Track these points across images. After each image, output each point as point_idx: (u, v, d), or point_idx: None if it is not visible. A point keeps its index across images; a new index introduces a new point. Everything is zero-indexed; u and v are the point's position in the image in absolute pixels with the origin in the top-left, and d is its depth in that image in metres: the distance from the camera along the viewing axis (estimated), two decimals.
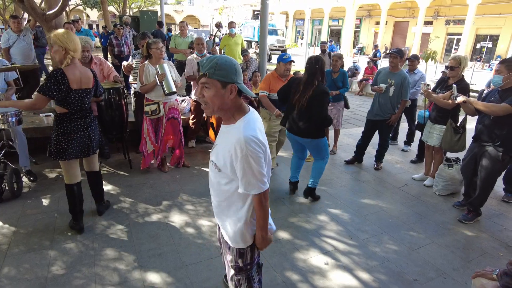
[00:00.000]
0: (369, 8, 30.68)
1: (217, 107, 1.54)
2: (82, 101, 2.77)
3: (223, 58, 1.50)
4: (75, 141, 2.79)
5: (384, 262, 2.83)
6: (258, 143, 1.50)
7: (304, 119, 3.45)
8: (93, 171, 3.19)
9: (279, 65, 4.03)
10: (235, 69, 1.50)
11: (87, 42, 3.76)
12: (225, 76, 1.47)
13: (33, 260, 2.64)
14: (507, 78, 3.12)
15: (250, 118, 1.57)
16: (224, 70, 1.47)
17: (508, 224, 3.55)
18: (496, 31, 22.37)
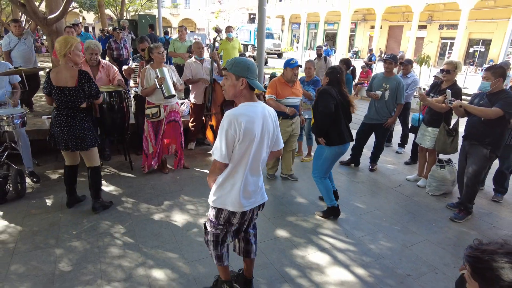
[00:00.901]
0: (364, 13, 31.05)
1: (231, 94, 1.98)
2: (64, 97, 3.04)
3: (240, 59, 1.99)
4: (56, 133, 3.16)
5: (379, 259, 2.95)
6: (234, 121, 1.86)
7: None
8: (90, 167, 3.36)
9: (286, 70, 3.98)
10: (248, 68, 1.93)
11: (96, 46, 3.88)
12: (238, 71, 1.92)
13: (40, 257, 2.72)
14: (494, 83, 3.31)
15: (249, 105, 1.97)
16: (238, 66, 1.93)
17: (497, 222, 3.70)
18: (489, 36, 22.77)
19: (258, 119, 1.95)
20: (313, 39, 38.28)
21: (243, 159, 1.97)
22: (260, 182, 2.16)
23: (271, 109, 2.11)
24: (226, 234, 2.19)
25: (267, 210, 3.69)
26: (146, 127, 4.26)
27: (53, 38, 5.82)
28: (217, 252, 2.23)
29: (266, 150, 2.09)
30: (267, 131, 2.02)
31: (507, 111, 3.22)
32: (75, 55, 3.02)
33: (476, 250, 1.06)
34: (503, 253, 1.01)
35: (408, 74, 5.48)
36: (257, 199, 2.15)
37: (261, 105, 2.03)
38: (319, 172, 3.55)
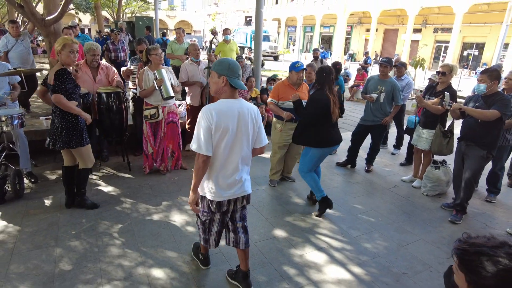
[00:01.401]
0: (359, 16, 31.28)
1: (214, 90, 2.22)
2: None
3: (223, 59, 2.20)
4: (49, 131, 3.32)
5: (375, 257, 3.00)
6: (206, 113, 2.08)
7: (337, 125, 3.63)
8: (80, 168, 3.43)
9: (291, 73, 3.95)
10: (228, 67, 2.14)
11: (97, 47, 3.92)
12: (220, 70, 2.14)
13: (39, 257, 2.74)
14: (490, 86, 3.40)
15: (226, 101, 2.17)
16: (220, 66, 2.15)
17: (490, 222, 3.77)
18: (482, 40, 23.05)
19: (232, 114, 2.14)
20: (309, 42, 38.48)
21: (217, 151, 2.16)
22: (241, 176, 2.28)
23: (251, 107, 2.27)
24: (211, 222, 2.40)
25: (265, 210, 3.73)
26: (145, 128, 4.29)
27: (51, 39, 5.84)
28: (205, 236, 2.47)
29: (247, 146, 2.26)
30: (244, 127, 2.18)
31: (504, 112, 3.31)
32: (66, 56, 3.04)
33: (464, 243, 1.12)
34: (488, 247, 1.06)
35: (402, 76, 5.57)
36: (236, 192, 2.29)
37: (240, 102, 2.21)
38: (304, 167, 3.67)
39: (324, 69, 3.48)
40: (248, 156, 2.30)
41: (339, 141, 3.65)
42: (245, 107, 2.21)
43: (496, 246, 1.05)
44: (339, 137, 3.66)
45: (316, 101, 3.45)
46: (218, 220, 2.39)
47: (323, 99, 3.40)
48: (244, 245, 2.45)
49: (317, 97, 3.46)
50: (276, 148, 4.23)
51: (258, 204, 3.85)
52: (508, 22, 12.45)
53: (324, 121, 3.45)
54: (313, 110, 3.45)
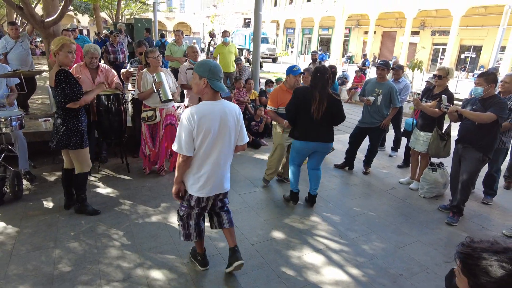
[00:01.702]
0: (358, 18, 31.43)
1: (196, 91, 2.31)
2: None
3: (205, 61, 2.30)
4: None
5: (372, 259, 3.02)
6: (188, 116, 2.18)
7: (326, 125, 3.58)
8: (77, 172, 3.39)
9: (289, 77, 3.98)
10: (209, 69, 2.22)
11: (96, 50, 3.92)
12: (201, 72, 2.23)
13: (38, 258, 2.75)
14: (487, 89, 3.44)
15: (207, 103, 2.26)
16: (201, 68, 2.24)
17: (487, 224, 3.80)
18: (479, 42, 23.20)
19: (214, 116, 2.23)
20: (307, 44, 38.61)
21: (199, 151, 2.28)
22: (221, 174, 2.42)
23: (232, 107, 2.37)
24: (189, 217, 2.52)
25: (263, 211, 3.75)
26: (143, 130, 4.31)
27: (50, 41, 5.83)
28: (185, 231, 2.56)
29: (229, 146, 2.38)
30: (226, 127, 2.29)
31: (500, 115, 3.35)
32: (64, 56, 3.01)
33: (468, 247, 1.12)
34: (492, 251, 1.06)
35: (400, 79, 5.61)
36: (213, 190, 2.42)
37: (221, 103, 2.30)
38: (291, 159, 3.92)
39: (319, 69, 3.53)
40: (230, 154, 2.44)
41: (320, 139, 3.60)
42: (227, 107, 2.32)
43: (500, 251, 1.06)
44: (323, 137, 3.60)
45: (297, 93, 3.61)
46: (196, 214, 2.53)
47: (304, 92, 3.54)
48: (228, 224, 2.64)
49: (300, 89, 3.64)
50: (277, 148, 4.25)
51: (256, 206, 3.87)
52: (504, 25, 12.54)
53: (305, 115, 3.54)
54: (293, 101, 3.60)
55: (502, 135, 4.05)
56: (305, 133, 3.61)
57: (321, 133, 3.61)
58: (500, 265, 1.03)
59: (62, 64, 3.06)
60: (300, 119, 3.61)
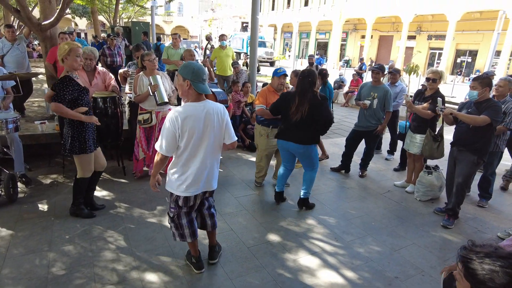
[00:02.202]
0: (355, 22, 31.63)
1: (180, 93, 2.36)
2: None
3: (189, 63, 2.33)
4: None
5: (368, 262, 3.03)
6: (172, 118, 2.24)
7: (304, 128, 3.56)
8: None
9: (273, 79, 4.10)
10: (192, 71, 2.27)
11: (92, 52, 3.92)
12: (184, 74, 2.28)
13: (32, 261, 2.73)
14: (482, 93, 3.47)
15: (190, 105, 2.31)
16: (185, 70, 2.29)
17: (482, 226, 3.82)
18: (475, 47, 23.40)
19: (197, 117, 2.29)
20: (305, 48, 38.78)
21: (184, 151, 2.35)
22: (207, 173, 2.48)
23: (216, 107, 2.43)
24: (179, 217, 2.56)
25: (259, 214, 3.75)
26: (138, 132, 4.31)
27: (47, 43, 5.85)
28: (179, 231, 2.59)
29: (215, 145, 2.44)
30: (210, 127, 2.36)
31: (494, 118, 3.38)
32: (72, 60, 3.03)
33: (471, 252, 1.10)
34: (496, 257, 1.06)
35: (396, 83, 5.64)
36: (199, 188, 2.48)
37: (205, 104, 2.35)
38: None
39: (302, 73, 3.62)
40: (216, 153, 2.51)
41: (290, 138, 3.64)
42: (211, 108, 2.37)
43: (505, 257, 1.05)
44: (296, 137, 3.61)
45: (281, 96, 3.77)
46: (185, 213, 2.57)
47: (286, 96, 3.67)
48: (210, 227, 2.76)
49: (285, 93, 3.77)
50: (263, 154, 4.29)
51: (252, 209, 3.87)
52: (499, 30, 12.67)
53: (285, 116, 3.64)
54: (277, 102, 3.75)
55: (497, 139, 4.09)
56: (282, 131, 3.74)
57: (296, 134, 3.61)
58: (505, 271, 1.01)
59: (71, 68, 3.07)
60: (282, 119, 3.75)
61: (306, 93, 3.50)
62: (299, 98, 3.51)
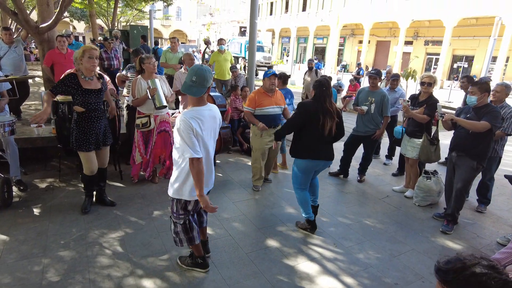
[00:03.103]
0: (352, 28, 31.82)
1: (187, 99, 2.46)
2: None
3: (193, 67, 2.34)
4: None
5: (367, 268, 3.00)
6: (185, 121, 2.22)
7: (330, 143, 3.38)
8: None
9: (264, 81, 4.21)
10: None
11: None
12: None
13: (26, 267, 2.68)
14: (480, 98, 3.48)
15: (197, 109, 2.33)
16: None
17: (481, 232, 3.80)
18: (471, 53, 23.58)
19: (206, 120, 2.34)
20: (302, 53, 38.92)
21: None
22: (211, 173, 2.54)
23: (216, 109, 2.51)
24: (189, 221, 2.58)
25: (258, 220, 3.72)
26: (136, 136, 4.27)
27: (44, 46, 5.82)
28: (188, 235, 2.59)
29: (214, 145, 2.54)
30: (213, 130, 2.45)
31: (494, 124, 3.38)
32: (86, 61, 3.20)
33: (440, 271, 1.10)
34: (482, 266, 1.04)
35: (396, 88, 5.64)
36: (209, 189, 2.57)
37: (209, 107, 2.42)
38: (294, 183, 3.53)
39: (323, 83, 3.27)
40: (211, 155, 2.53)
41: (327, 157, 3.35)
42: (214, 111, 2.47)
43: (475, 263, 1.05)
44: (329, 155, 3.37)
45: (304, 108, 3.29)
46: (192, 216, 2.64)
47: (309, 106, 3.26)
48: (205, 222, 2.85)
49: (305, 103, 3.36)
50: (258, 154, 4.33)
51: (251, 214, 3.83)
52: (495, 36, 12.76)
53: (311, 131, 3.24)
54: (299, 116, 3.30)
55: (495, 144, 4.08)
56: (311, 150, 3.28)
57: (327, 150, 3.36)
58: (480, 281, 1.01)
59: (85, 70, 3.23)
60: (306, 135, 3.28)
61: (332, 104, 3.27)
62: (329, 110, 3.22)
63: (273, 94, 4.23)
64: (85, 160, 3.42)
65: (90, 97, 3.28)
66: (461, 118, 3.62)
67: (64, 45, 5.55)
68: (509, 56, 20.39)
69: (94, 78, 3.34)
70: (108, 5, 21.30)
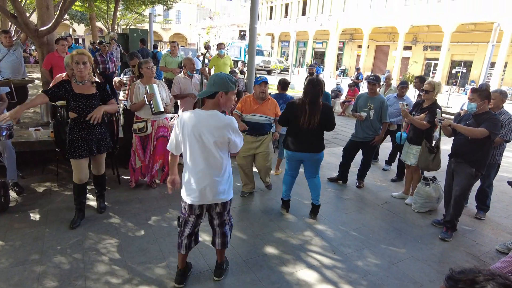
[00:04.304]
0: (352, 32, 31.96)
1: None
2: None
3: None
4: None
5: (366, 275, 2.98)
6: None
7: (316, 136, 3.68)
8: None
9: (254, 88, 4.11)
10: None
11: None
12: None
13: (22, 273, 2.65)
14: (480, 105, 3.48)
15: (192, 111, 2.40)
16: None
17: (480, 239, 3.79)
18: (470, 58, 23.71)
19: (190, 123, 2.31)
20: (302, 57, 39.04)
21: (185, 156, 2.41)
22: (208, 183, 2.39)
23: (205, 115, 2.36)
24: (185, 224, 2.55)
25: (256, 225, 3.70)
26: (134, 141, 4.25)
27: (43, 50, 5.81)
28: (179, 240, 2.58)
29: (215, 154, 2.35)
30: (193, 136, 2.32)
31: (492, 131, 3.38)
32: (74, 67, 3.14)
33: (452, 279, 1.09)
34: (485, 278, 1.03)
35: (404, 96, 5.58)
36: (199, 199, 2.42)
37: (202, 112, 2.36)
38: (286, 168, 4.03)
39: (311, 81, 3.63)
40: (217, 163, 2.39)
41: (310, 150, 3.70)
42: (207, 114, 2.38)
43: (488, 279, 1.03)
44: (313, 147, 3.70)
45: (288, 106, 3.73)
46: (192, 223, 2.54)
47: (292, 106, 3.66)
48: (219, 245, 2.69)
49: (290, 103, 3.74)
50: (239, 161, 4.24)
51: (249, 220, 3.81)
52: (494, 42, 12.80)
53: (295, 126, 3.66)
54: (284, 113, 3.75)
55: (494, 150, 4.08)
56: (292, 142, 3.74)
57: (310, 143, 3.69)
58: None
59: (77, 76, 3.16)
60: (290, 129, 3.76)
61: (316, 102, 3.57)
62: (310, 107, 3.55)
63: (263, 102, 4.09)
64: (74, 167, 3.28)
65: (82, 101, 3.15)
66: (459, 124, 3.62)
67: (65, 49, 5.55)
68: (507, 62, 20.52)
69: (87, 83, 3.22)
70: (108, 8, 21.37)
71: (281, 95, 5.03)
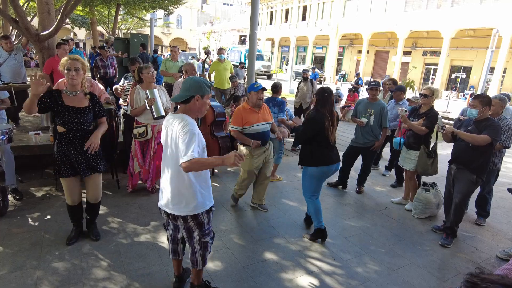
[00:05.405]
0: (351, 37, 32.08)
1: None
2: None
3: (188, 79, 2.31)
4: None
5: (366, 282, 2.96)
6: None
7: (335, 146, 3.61)
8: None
9: (250, 95, 3.82)
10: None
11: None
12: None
13: (19, 279, 2.63)
14: (482, 111, 3.48)
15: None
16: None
17: (480, 246, 3.77)
18: (469, 63, 23.76)
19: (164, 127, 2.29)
20: (301, 62, 39.15)
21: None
22: (168, 191, 2.26)
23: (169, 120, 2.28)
24: (167, 226, 2.52)
25: (255, 232, 3.68)
26: (133, 146, 4.25)
27: (44, 54, 5.82)
28: (169, 244, 2.54)
29: (172, 160, 2.22)
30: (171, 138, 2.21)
31: (494, 138, 3.38)
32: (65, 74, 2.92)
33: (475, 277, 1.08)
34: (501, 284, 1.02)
35: (401, 101, 5.60)
36: (162, 204, 2.34)
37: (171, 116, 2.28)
38: (307, 192, 3.62)
39: (326, 90, 3.51)
40: (181, 171, 2.12)
41: (338, 160, 3.58)
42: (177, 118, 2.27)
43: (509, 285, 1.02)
44: (338, 157, 3.61)
45: (312, 121, 3.46)
46: (171, 226, 2.48)
47: (319, 119, 3.40)
48: (191, 264, 2.44)
49: (314, 117, 3.46)
50: (246, 175, 3.97)
51: (248, 226, 3.80)
52: (493, 48, 12.86)
53: (321, 140, 3.45)
54: (309, 129, 3.47)
55: (493, 157, 4.08)
56: (324, 157, 3.46)
57: (335, 154, 3.58)
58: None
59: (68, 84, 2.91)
60: (317, 144, 3.47)
61: (333, 112, 3.51)
62: (331, 117, 3.45)
63: (259, 109, 3.89)
64: (64, 187, 3.01)
65: (72, 115, 2.80)
66: (461, 131, 3.62)
67: (66, 54, 5.55)
68: (506, 67, 20.56)
69: (79, 94, 2.89)
70: (109, 13, 21.47)
71: (271, 98, 5.00)
